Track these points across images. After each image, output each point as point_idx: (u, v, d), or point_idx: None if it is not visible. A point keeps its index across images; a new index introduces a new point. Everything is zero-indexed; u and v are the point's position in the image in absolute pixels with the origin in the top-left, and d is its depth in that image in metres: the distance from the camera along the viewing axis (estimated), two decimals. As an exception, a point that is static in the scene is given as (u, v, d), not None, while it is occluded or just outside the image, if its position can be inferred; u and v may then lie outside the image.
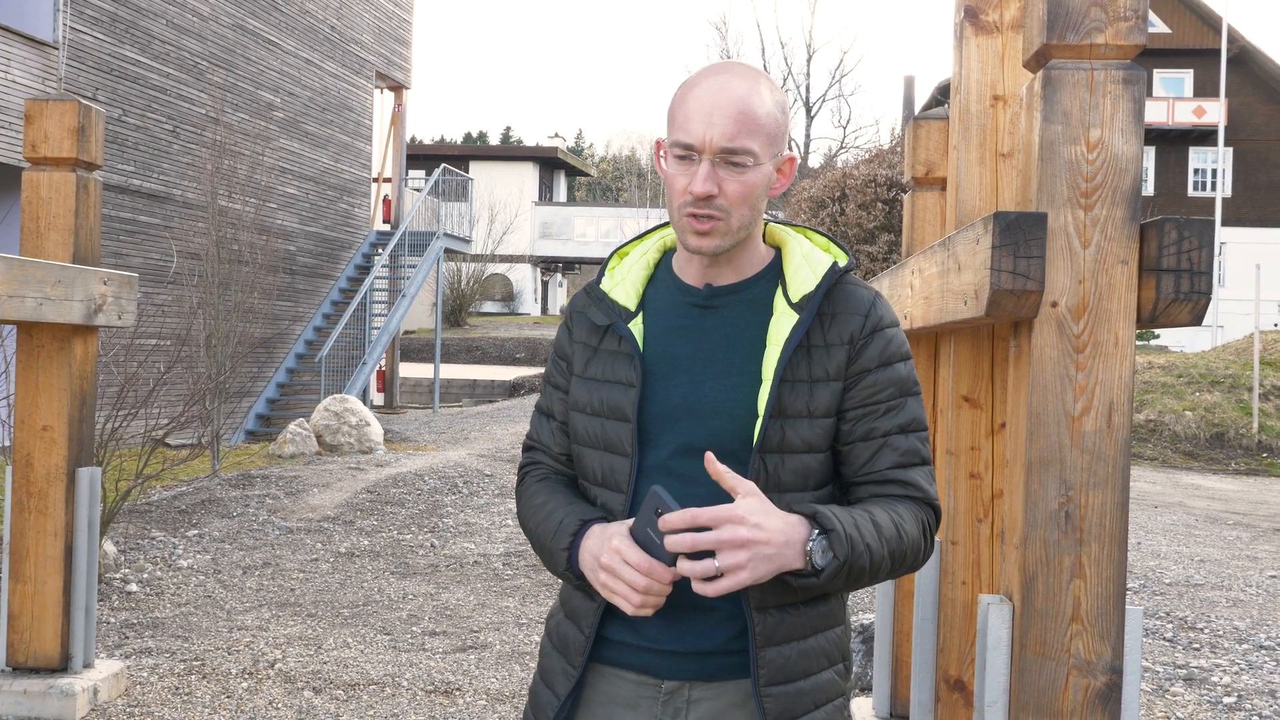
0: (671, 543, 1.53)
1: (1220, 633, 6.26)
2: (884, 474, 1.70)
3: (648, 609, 1.61)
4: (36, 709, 4.44)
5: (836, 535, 1.56)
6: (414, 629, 5.98)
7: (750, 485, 1.57)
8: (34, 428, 4.59)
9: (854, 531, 1.58)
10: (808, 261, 1.74)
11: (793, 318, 1.69)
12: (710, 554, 1.53)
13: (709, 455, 1.58)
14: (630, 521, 1.64)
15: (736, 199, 1.66)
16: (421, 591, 6.79)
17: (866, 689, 4.79)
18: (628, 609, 1.61)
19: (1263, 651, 5.91)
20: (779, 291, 1.74)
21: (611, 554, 1.61)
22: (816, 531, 1.57)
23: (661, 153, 1.73)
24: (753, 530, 1.52)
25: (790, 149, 1.77)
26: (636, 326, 1.77)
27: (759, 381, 1.69)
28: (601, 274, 1.85)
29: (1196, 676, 5.44)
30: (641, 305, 1.80)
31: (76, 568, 4.62)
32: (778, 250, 1.80)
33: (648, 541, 1.59)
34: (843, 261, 1.76)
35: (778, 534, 1.54)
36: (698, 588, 1.54)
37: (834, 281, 1.73)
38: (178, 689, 4.94)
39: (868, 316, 1.72)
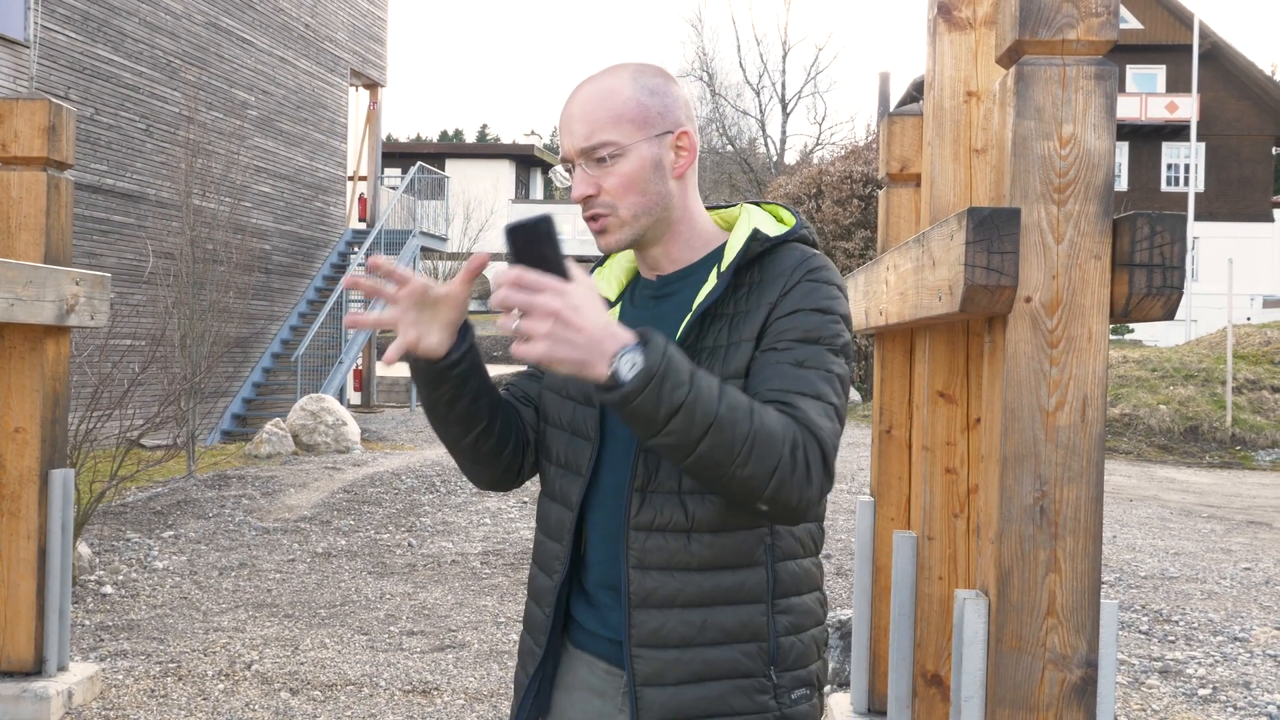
0: (494, 298, 1.44)
1: (1195, 625, 6.31)
2: (765, 394, 1.56)
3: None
4: (10, 713, 4.41)
5: (654, 346, 1.42)
6: (391, 629, 5.96)
7: (589, 279, 1.46)
8: (6, 429, 4.55)
9: (679, 360, 1.44)
10: (746, 233, 1.72)
11: (713, 284, 1.68)
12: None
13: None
14: None
15: (616, 191, 1.68)
16: (399, 591, 6.77)
17: (844, 685, 4.80)
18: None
19: (1237, 643, 5.96)
20: (716, 265, 1.73)
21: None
22: (634, 344, 1.43)
23: None
24: (568, 309, 1.41)
25: (682, 125, 1.72)
26: (613, 315, 1.78)
27: None
28: (594, 269, 1.90)
29: (1172, 669, 5.48)
30: (621, 298, 1.83)
31: (50, 570, 4.58)
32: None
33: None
34: (768, 229, 1.72)
35: (592, 326, 1.42)
36: (513, 348, 1.45)
37: (761, 248, 1.69)
38: (153, 691, 4.91)
39: (791, 274, 1.66)
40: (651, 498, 1.65)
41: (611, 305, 1.81)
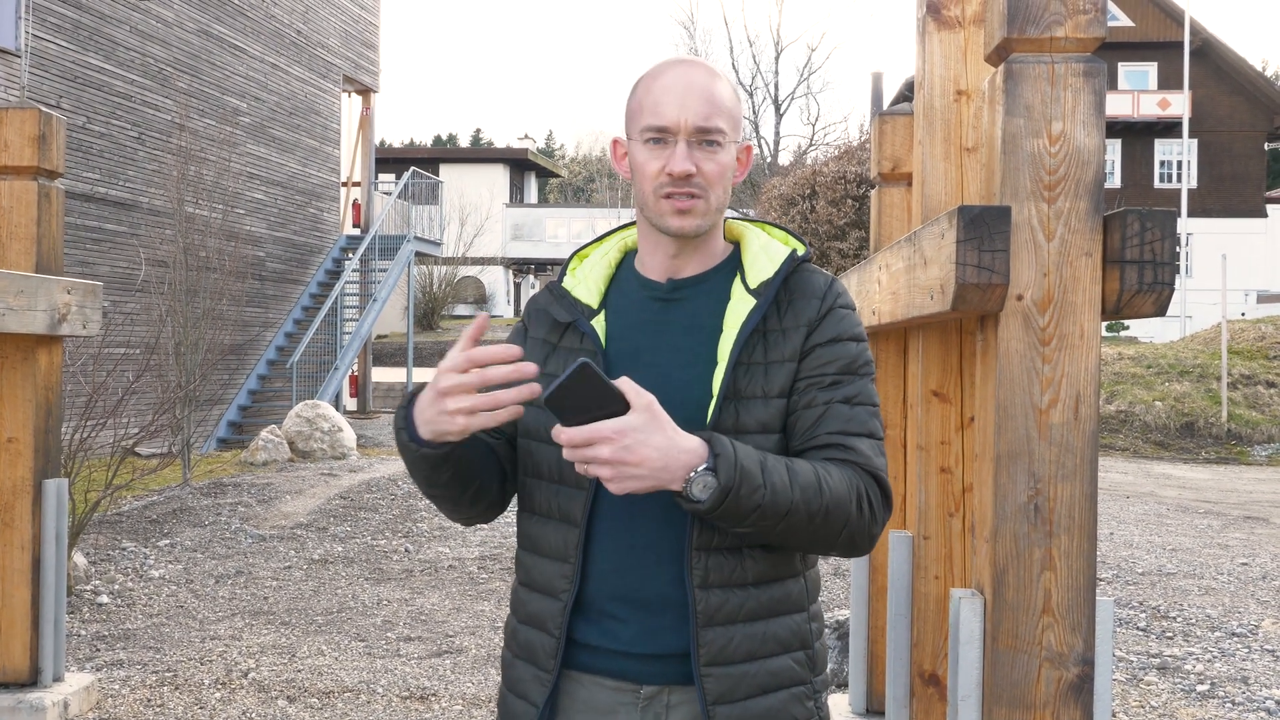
0: (565, 452, 1.51)
1: (1193, 621, 6.31)
2: (824, 438, 1.65)
3: (468, 417, 1.54)
4: (6, 724, 4.40)
5: (724, 460, 1.51)
6: (389, 635, 5.95)
7: (646, 399, 1.51)
8: (-1, 440, 4.54)
9: (751, 464, 1.53)
10: (765, 251, 1.76)
11: (750, 303, 1.71)
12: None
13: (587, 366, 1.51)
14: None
15: (713, 178, 1.70)
16: (396, 597, 6.76)
17: (843, 685, 4.80)
18: (460, 422, 1.55)
19: (1235, 639, 5.96)
20: (737, 280, 1.75)
21: (441, 377, 1.57)
22: (704, 465, 1.52)
23: (621, 150, 1.77)
24: (620, 451, 1.48)
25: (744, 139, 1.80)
26: (599, 324, 1.77)
27: (715, 365, 1.69)
28: (563, 273, 1.85)
29: (1170, 665, 5.48)
30: (604, 304, 1.80)
31: (45, 580, 4.57)
32: (736, 244, 1.82)
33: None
34: (800, 250, 1.78)
35: (652, 457, 1.49)
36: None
37: (792, 269, 1.74)
38: (150, 701, 4.90)
39: (824, 299, 1.73)
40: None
41: (595, 313, 1.78)
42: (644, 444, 1.49)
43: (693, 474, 1.51)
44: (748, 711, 1.65)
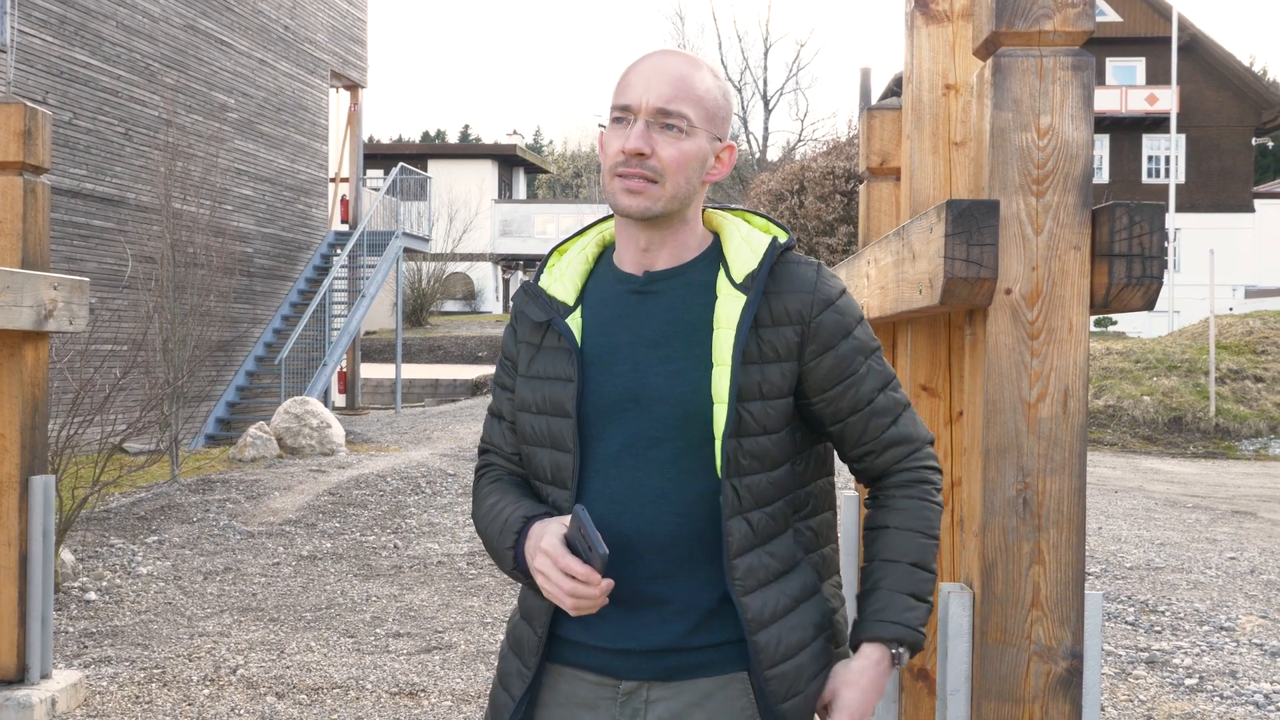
0: None
1: (1181, 615, 6.33)
2: (883, 438, 1.77)
3: (585, 609, 1.61)
4: (-7, 722, 4.38)
5: (907, 634, 1.72)
6: (378, 631, 5.94)
7: (843, 701, 1.71)
8: (-15, 436, 4.51)
9: (910, 613, 1.71)
10: (748, 242, 1.74)
11: (740, 299, 1.68)
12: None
13: None
14: (563, 519, 1.64)
15: (671, 164, 1.67)
16: (385, 593, 6.74)
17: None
18: (567, 609, 1.63)
19: (1223, 633, 5.97)
20: (721, 273, 1.73)
21: (542, 557, 1.63)
22: (895, 651, 1.70)
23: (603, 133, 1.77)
24: (860, 714, 1.69)
25: (730, 139, 1.79)
26: (574, 321, 1.76)
27: (708, 365, 1.68)
28: (541, 271, 1.85)
29: (1158, 659, 5.49)
30: (581, 299, 1.79)
31: (32, 577, 4.55)
32: (716, 235, 1.80)
33: (581, 549, 1.60)
34: (782, 238, 1.76)
35: (871, 689, 1.69)
36: None
37: (775, 258, 1.72)
38: (138, 698, 4.89)
39: (815, 293, 1.71)
40: (732, 523, 1.67)
41: (570, 310, 1.77)
42: (862, 693, 1.70)
43: (896, 660, 1.71)
44: (809, 701, 1.72)
